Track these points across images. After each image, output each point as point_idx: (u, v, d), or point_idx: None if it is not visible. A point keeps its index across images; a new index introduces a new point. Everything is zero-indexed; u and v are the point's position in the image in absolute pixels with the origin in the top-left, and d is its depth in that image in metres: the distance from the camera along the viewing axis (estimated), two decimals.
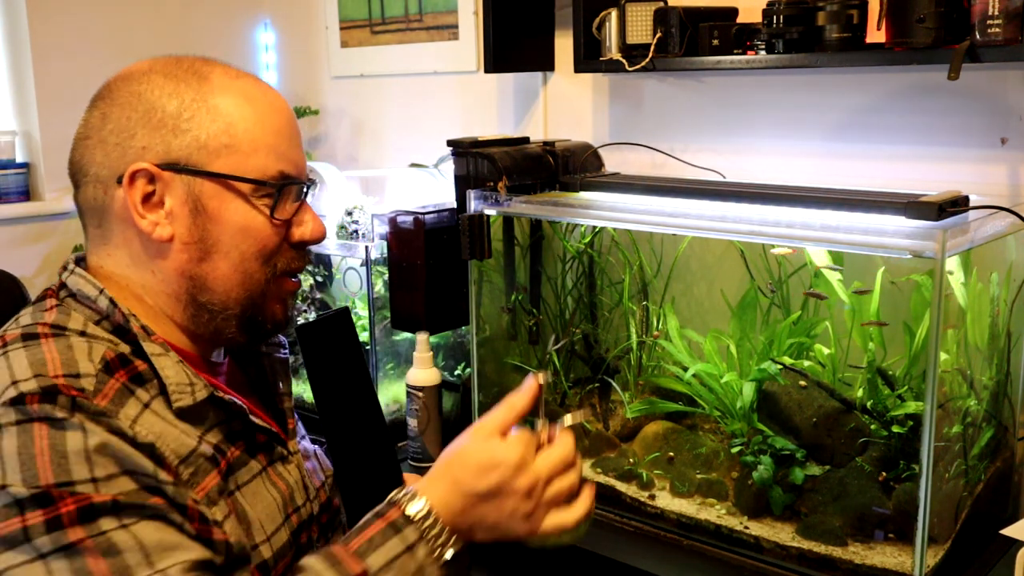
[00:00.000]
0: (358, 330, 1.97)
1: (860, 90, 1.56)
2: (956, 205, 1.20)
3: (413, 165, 2.13)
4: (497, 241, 1.61)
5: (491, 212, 1.53)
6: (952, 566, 1.24)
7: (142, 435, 0.84)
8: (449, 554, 0.90)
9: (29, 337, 0.87)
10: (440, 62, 2.18)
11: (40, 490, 0.78)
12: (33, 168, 2.32)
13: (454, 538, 0.90)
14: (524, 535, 0.94)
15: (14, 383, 0.82)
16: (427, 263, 1.64)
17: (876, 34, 1.35)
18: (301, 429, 1.09)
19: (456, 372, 1.85)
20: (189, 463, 0.88)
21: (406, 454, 1.69)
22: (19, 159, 2.32)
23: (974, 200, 1.25)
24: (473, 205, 1.53)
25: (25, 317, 0.93)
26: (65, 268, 0.97)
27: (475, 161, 1.60)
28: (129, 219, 0.93)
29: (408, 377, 1.66)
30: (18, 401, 0.81)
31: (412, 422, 1.65)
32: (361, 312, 1.96)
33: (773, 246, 1.39)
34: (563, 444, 0.95)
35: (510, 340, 1.67)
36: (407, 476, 1.10)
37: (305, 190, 0.99)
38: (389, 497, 0.92)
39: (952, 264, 1.19)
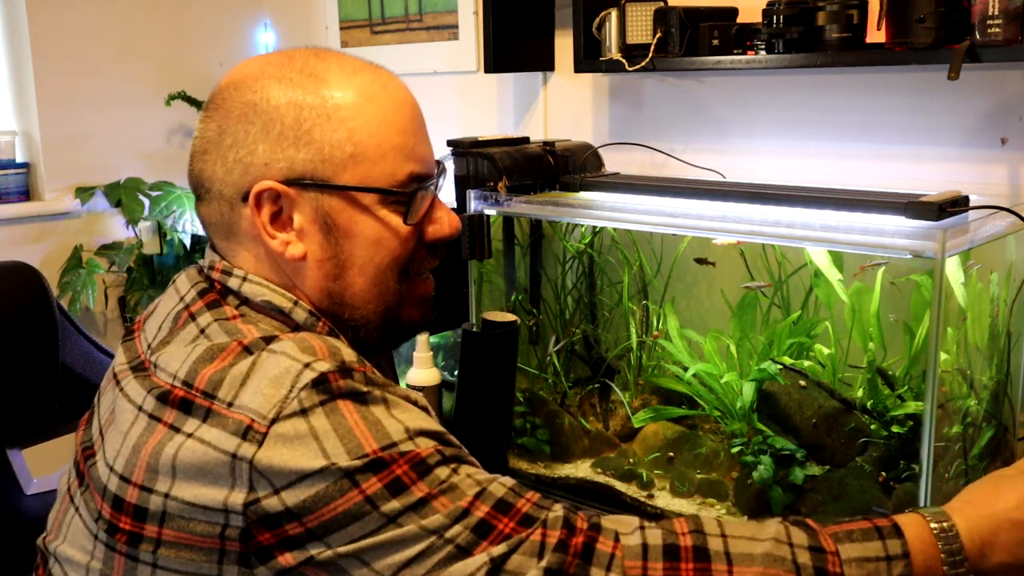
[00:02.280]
0: None
1: (860, 90, 1.56)
2: (956, 205, 1.20)
3: None
4: (497, 241, 1.61)
5: (491, 212, 1.53)
6: None
7: (420, 400, 0.84)
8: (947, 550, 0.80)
9: (269, 340, 0.83)
10: (440, 62, 2.18)
11: (368, 457, 0.76)
12: (33, 168, 2.32)
13: (966, 560, 0.80)
14: None
15: (307, 366, 0.79)
16: None
17: (876, 34, 1.35)
18: None
19: (456, 372, 1.85)
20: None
21: None
22: (19, 159, 2.32)
23: (974, 200, 1.25)
24: (473, 205, 1.53)
25: (213, 327, 0.86)
26: (221, 271, 0.91)
27: (475, 161, 1.60)
28: (259, 238, 0.89)
29: (408, 377, 1.66)
30: (320, 381, 0.78)
31: None
32: None
33: (739, 244, 1.39)
34: None
35: None
36: None
37: (437, 184, 0.94)
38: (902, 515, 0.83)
39: (952, 264, 1.19)
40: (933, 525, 0.81)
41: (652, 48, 1.57)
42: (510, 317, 1.02)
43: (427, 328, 0.98)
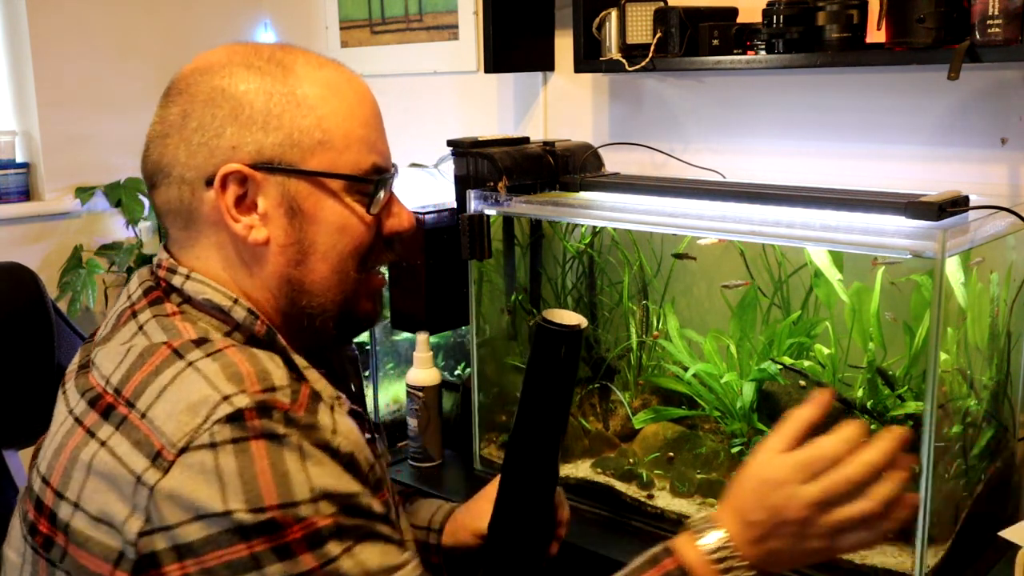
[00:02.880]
0: None
1: (860, 90, 1.56)
2: (956, 205, 1.20)
3: (413, 165, 2.12)
4: (497, 241, 1.61)
5: (491, 212, 1.53)
6: (952, 566, 1.24)
7: (344, 446, 0.81)
8: None
9: (199, 343, 0.83)
10: (440, 62, 2.18)
11: (264, 514, 0.75)
12: (33, 168, 2.32)
13: (746, 570, 0.85)
14: (827, 556, 0.86)
15: (226, 398, 0.77)
16: (427, 263, 1.64)
17: (876, 34, 1.35)
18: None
19: (456, 372, 1.85)
20: (374, 470, 0.86)
21: (406, 454, 1.69)
22: (19, 159, 2.32)
23: (974, 200, 1.25)
24: (473, 205, 1.53)
25: (151, 323, 0.86)
26: (167, 269, 0.91)
27: (475, 161, 1.60)
28: (221, 222, 0.88)
29: (408, 377, 1.66)
30: (236, 418, 0.76)
31: (412, 422, 1.65)
32: None
33: (721, 243, 1.39)
34: (870, 449, 0.84)
35: (510, 340, 1.67)
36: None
37: (393, 180, 0.96)
38: (680, 535, 0.88)
39: (952, 264, 1.19)
40: (702, 542, 0.87)
41: (652, 48, 1.57)
42: (575, 318, 1.01)
43: (376, 321, 0.99)
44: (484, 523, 1.09)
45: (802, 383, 1.36)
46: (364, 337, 1.81)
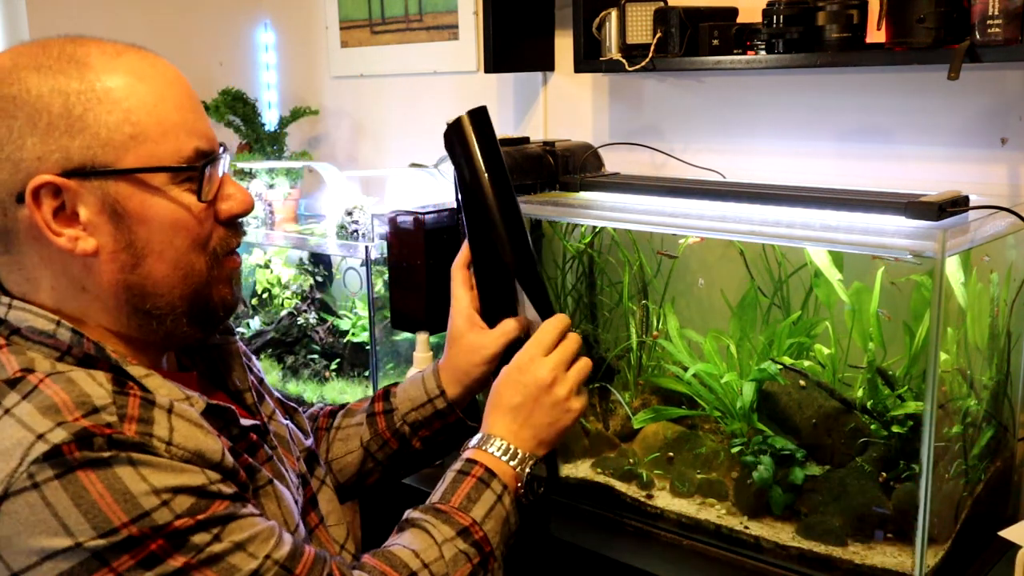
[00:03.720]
0: (357, 330, 1.97)
1: (860, 90, 1.56)
2: (956, 205, 1.20)
3: (413, 165, 2.12)
4: None
5: None
6: (952, 566, 1.24)
7: (184, 445, 0.80)
8: (528, 469, 1.03)
9: (15, 383, 0.79)
10: (440, 62, 2.18)
11: (119, 534, 0.74)
12: None
13: (529, 456, 1.04)
14: (575, 417, 1.07)
15: (40, 437, 0.74)
16: (427, 263, 1.64)
17: (876, 34, 1.35)
18: (278, 413, 1.07)
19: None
20: (226, 459, 0.84)
21: None
22: None
23: (974, 200, 1.25)
24: None
25: None
26: None
27: None
28: (42, 238, 0.82)
29: (408, 377, 1.65)
30: (53, 454, 0.74)
31: None
32: (361, 312, 1.96)
33: (702, 241, 1.42)
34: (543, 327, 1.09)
35: None
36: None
37: (223, 161, 0.90)
38: (468, 451, 1.04)
39: (952, 264, 1.19)
40: (489, 449, 1.03)
41: (652, 48, 1.57)
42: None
43: (235, 306, 0.97)
44: (477, 354, 1.16)
45: (802, 383, 1.36)
46: (364, 337, 1.81)
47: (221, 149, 0.90)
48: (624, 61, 1.60)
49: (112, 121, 0.82)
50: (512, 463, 1.03)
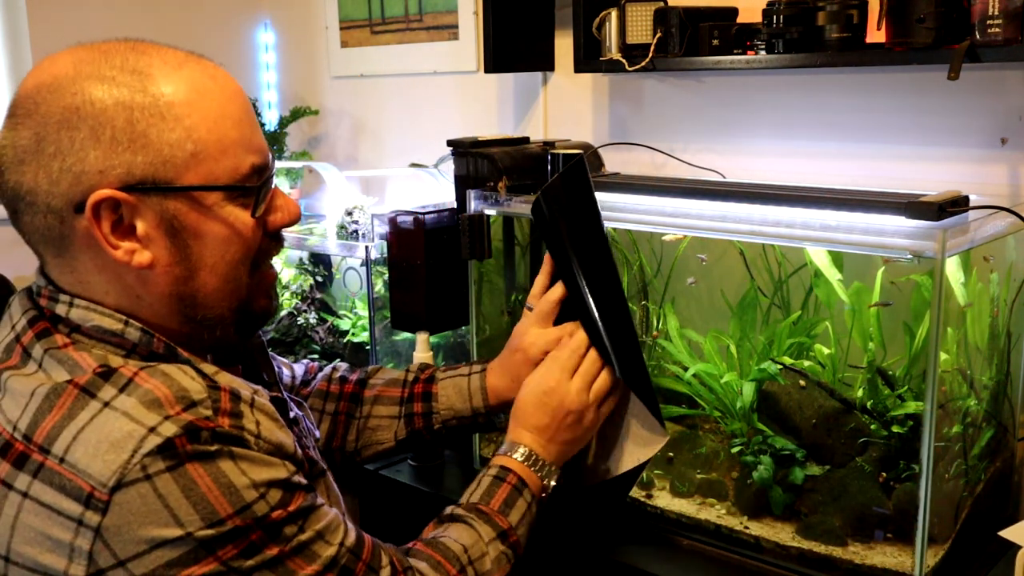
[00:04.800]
0: (357, 330, 1.97)
1: (860, 90, 1.56)
2: (956, 205, 1.20)
3: (413, 165, 2.13)
4: (497, 241, 1.61)
5: (491, 212, 1.53)
6: (952, 566, 1.24)
7: (270, 438, 0.84)
8: (552, 482, 1.12)
9: (106, 376, 0.80)
10: (440, 62, 2.18)
11: (225, 525, 0.77)
12: None
13: (553, 467, 1.13)
14: (590, 433, 1.16)
15: (151, 430, 0.77)
16: (427, 263, 1.64)
17: (876, 34, 1.35)
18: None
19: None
20: (297, 453, 0.89)
21: (406, 454, 1.69)
22: None
23: (974, 200, 1.25)
24: (473, 205, 1.53)
25: (47, 359, 0.83)
26: (48, 298, 0.87)
27: (475, 161, 1.60)
28: (98, 247, 0.83)
29: None
30: (166, 447, 0.76)
31: None
32: (361, 312, 1.96)
33: (685, 238, 1.42)
34: (567, 342, 1.16)
35: None
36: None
37: (273, 176, 0.92)
38: (498, 458, 1.12)
39: (952, 264, 1.19)
40: (519, 459, 1.11)
41: (652, 48, 1.57)
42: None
43: (273, 314, 1.00)
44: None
45: (802, 383, 1.36)
46: (364, 337, 1.81)
47: (271, 160, 0.92)
48: (624, 61, 1.60)
49: (174, 139, 0.82)
50: (538, 474, 1.11)
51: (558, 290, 1.21)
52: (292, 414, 0.99)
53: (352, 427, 1.26)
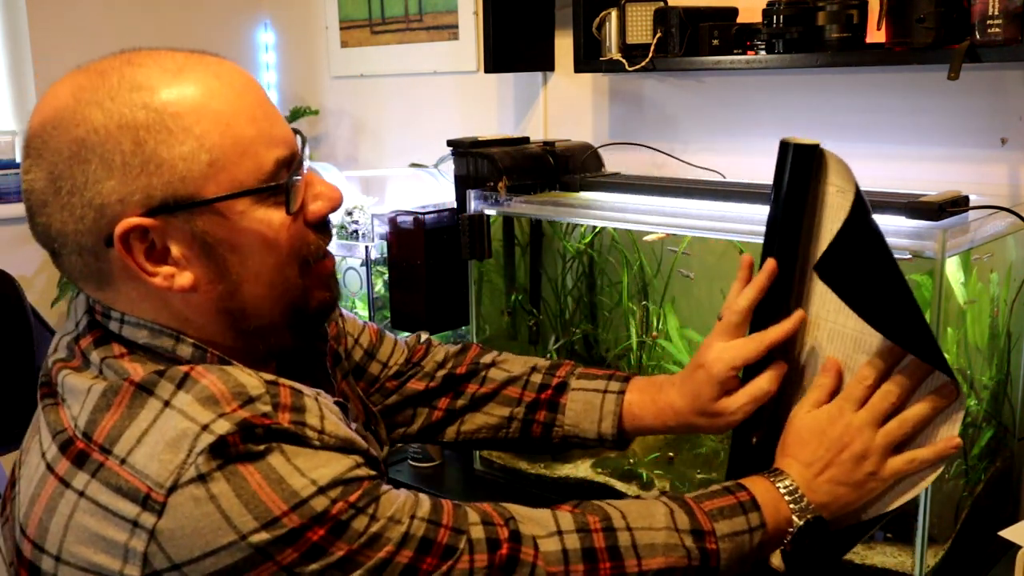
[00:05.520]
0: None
1: (860, 90, 1.56)
2: (956, 205, 1.20)
3: (413, 165, 2.13)
4: (497, 241, 1.61)
5: (491, 212, 1.53)
6: (952, 566, 1.24)
7: (335, 432, 0.79)
8: (801, 521, 0.94)
9: (163, 373, 0.78)
10: (440, 62, 2.18)
11: (280, 525, 0.73)
12: None
13: (812, 506, 0.94)
14: (875, 487, 0.96)
15: (205, 428, 0.73)
16: (427, 263, 1.64)
17: (876, 34, 1.35)
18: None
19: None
20: (369, 453, 0.83)
21: (406, 454, 1.69)
22: (19, 159, 2.32)
23: (974, 200, 1.25)
24: (473, 205, 1.53)
25: (103, 366, 0.80)
26: (101, 313, 0.83)
27: (475, 161, 1.60)
28: (137, 277, 0.80)
29: None
30: (219, 445, 0.73)
31: None
32: (361, 312, 1.96)
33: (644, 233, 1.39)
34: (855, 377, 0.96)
35: (510, 340, 1.67)
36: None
37: (304, 163, 0.85)
38: (749, 478, 0.96)
39: (952, 264, 1.19)
40: (782, 491, 0.95)
41: (652, 48, 1.57)
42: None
43: (335, 306, 0.93)
44: (708, 412, 1.03)
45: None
46: None
47: (299, 141, 0.85)
48: (624, 61, 1.60)
49: (187, 151, 0.77)
50: (792, 506, 0.95)
51: (751, 293, 1.02)
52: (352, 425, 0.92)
53: (451, 420, 1.17)
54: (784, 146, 1.01)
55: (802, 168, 1.02)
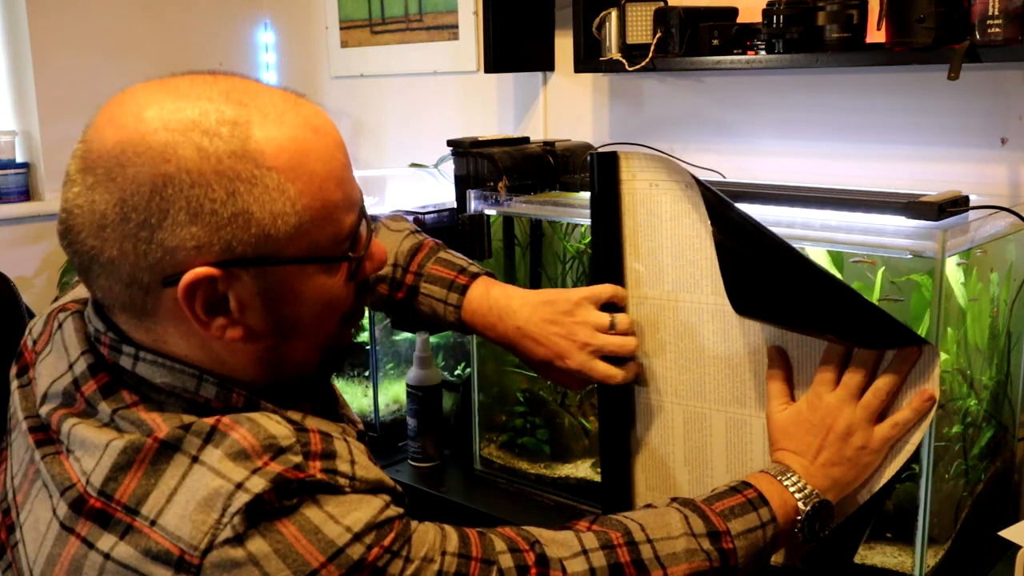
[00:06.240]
0: (357, 331, 1.97)
1: (860, 90, 1.56)
2: (956, 205, 1.20)
3: (413, 165, 2.13)
4: (497, 241, 1.61)
5: (491, 212, 1.53)
6: (952, 566, 1.24)
7: (365, 476, 0.78)
8: (808, 507, 0.98)
9: (188, 428, 0.75)
10: (440, 62, 2.18)
11: None
12: (33, 168, 2.33)
13: (817, 494, 0.99)
14: (870, 460, 1.00)
15: (239, 487, 0.71)
16: None
17: (876, 34, 1.35)
18: None
19: (456, 372, 1.85)
20: (397, 490, 0.82)
21: (406, 454, 1.69)
22: (19, 159, 2.32)
23: (974, 200, 1.25)
24: (473, 205, 1.53)
25: (116, 418, 0.77)
26: (109, 347, 0.79)
27: (475, 161, 1.60)
28: (183, 319, 0.76)
29: (408, 377, 1.66)
30: (256, 504, 0.71)
31: (412, 422, 1.65)
32: None
33: None
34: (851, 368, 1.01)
35: None
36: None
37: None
38: (752, 475, 1.00)
39: (951, 264, 1.19)
40: (785, 483, 0.99)
41: (652, 48, 1.57)
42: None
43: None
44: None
45: None
46: (364, 337, 1.81)
47: (360, 201, 0.84)
48: (624, 61, 1.60)
49: (278, 210, 0.74)
50: (797, 495, 0.98)
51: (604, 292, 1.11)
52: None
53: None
54: (590, 157, 1.15)
55: (606, 173, 1.15)
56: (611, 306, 1.12)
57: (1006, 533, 1.08)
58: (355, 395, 1.84)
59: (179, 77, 0.78)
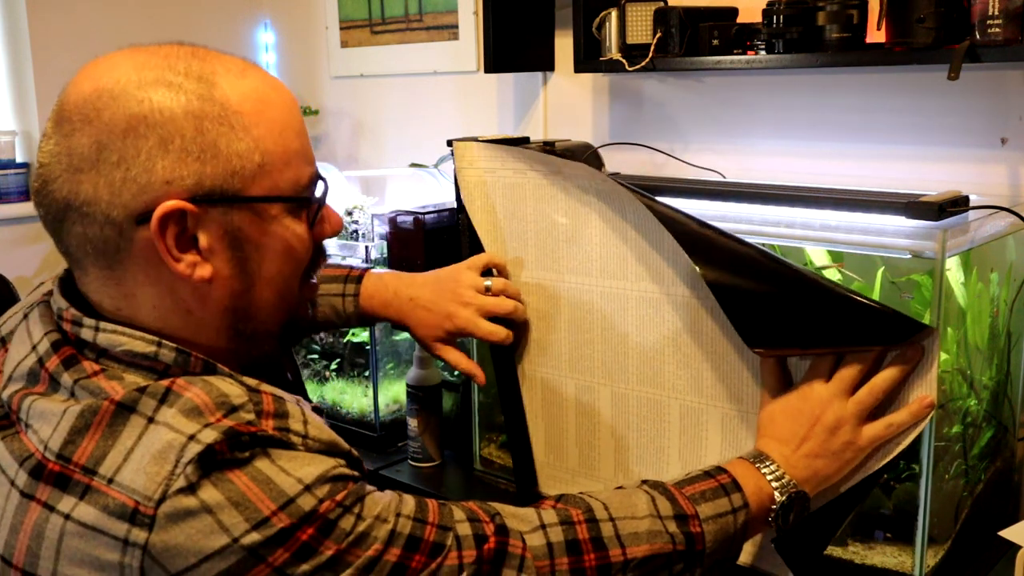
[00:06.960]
0: (357, 331, 1.97)
1: (860, 90, 1.56)
2: (956, 205, 1.20)
3: (413, 165, 2.13)
4: None
5: None
6: (952, 566, 1.24)
7: (318, 436, 0.81)
8: (783, 498, 0.98)
9: (144, 390, 0.77)
10: (440, 62, 2.18)
11: (270, 525, 0.73)
12: (33, 168, 2.33)
13: (794, 484, 1.00)
14: (853, 457, 1.02)
15: (191, 438, 0.74)
16: (427, 263, 1.64)
17: (876, 34, 1.35)
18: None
19: (456, 372, 1.85)
20: (352, 454, 0.84)
21: (406, 454, 1.69)
22: (19, 159, 2.32)
23: (974, 200, 1.25)
24: None
25: (77, 388, 0.79)
26: (71, 322, 0.82)
27: None
28: (155, 260, 0.80)
29: (408, 377, 1.66)
30: (207, 454, 0.73)
31: (412, 422, 1.65)
32: None
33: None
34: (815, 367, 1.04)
35: None
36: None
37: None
38: (728, 461, 1.02)
39: (951, 264, 1.19)
40: (763, 470, 1.00)
41: (652, 48, 1.57)
42: None
43: (312, 328, 1.00)
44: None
45: None
46: (364, 337, 1.81)
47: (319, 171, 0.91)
48: (624, 61, 1.61)
49: (242, 149, 0.81)
50: (774, 484, 0.99)
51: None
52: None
53: None
54: (449, 144, 1.34)
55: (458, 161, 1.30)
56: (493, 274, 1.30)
57: (1006, 533, 1.08)
58: (355, 395, 1.84)
59: (147, 45, 0.84)
